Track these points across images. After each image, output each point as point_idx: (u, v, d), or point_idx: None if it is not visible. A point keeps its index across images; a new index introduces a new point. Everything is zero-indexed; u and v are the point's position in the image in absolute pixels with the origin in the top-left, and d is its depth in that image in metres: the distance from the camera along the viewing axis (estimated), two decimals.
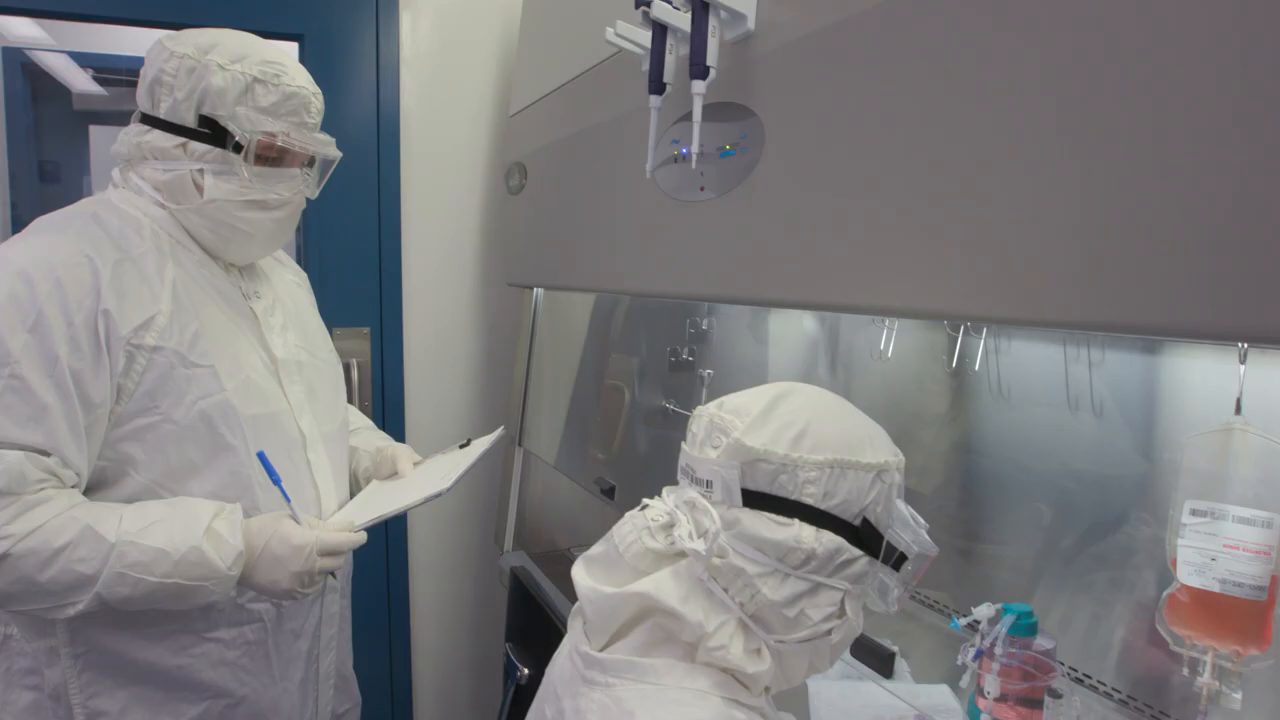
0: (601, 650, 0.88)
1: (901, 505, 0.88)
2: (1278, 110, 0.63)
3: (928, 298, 0.96)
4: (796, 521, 0.83)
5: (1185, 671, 0.95)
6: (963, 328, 1.35)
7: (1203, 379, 1.11)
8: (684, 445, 0.93)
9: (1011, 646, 1.14)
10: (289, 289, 1.49)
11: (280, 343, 1.36)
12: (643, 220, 1.51)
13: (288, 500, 1.24)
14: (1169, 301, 0.71)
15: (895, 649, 1.37)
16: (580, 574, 0.93)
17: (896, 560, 0.87)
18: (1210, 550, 0.91)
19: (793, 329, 1.85)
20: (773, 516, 0.83)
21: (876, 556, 0.86)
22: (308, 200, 1.36)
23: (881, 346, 1.46)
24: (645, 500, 0.93)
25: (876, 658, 1.36)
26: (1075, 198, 0.78)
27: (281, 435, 1.31)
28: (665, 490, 0.94)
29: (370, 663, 1.62)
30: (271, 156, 1.27)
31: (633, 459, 2.08)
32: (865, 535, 0.85)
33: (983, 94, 0.87)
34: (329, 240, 2.32)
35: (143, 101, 1.25)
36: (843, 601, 0.85)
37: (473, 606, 2.64)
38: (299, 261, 2.25)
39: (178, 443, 1.19)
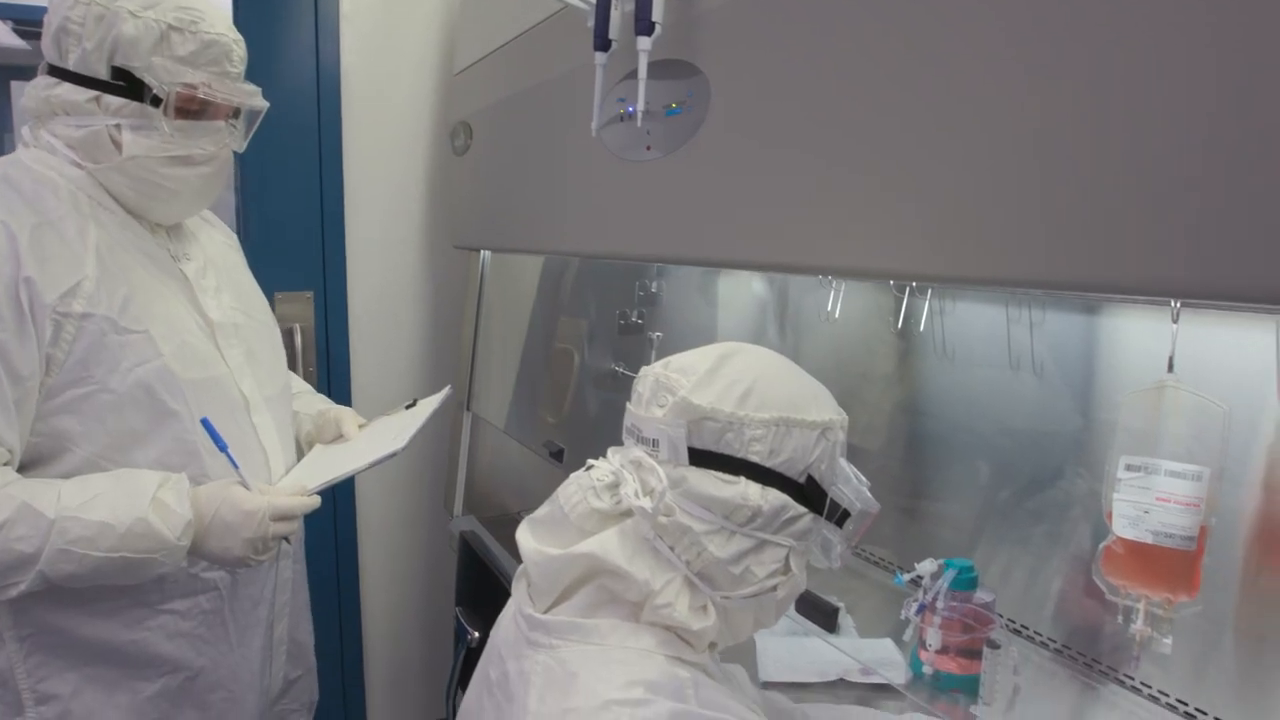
0: (545, 612, 0.88)
1: (844, 463, 0.89)
2: (1213, 70, 0.64)
3: (874, 258, 0.96)
4: (743, 479, 0.83)
5: (1120, 619, 0.98)
6: (908, 289, 1.36)
7: (1138, 339, 1.13)
8: (629, 405, 0.92)
9: (953, 600, 1.17)
10: (220, 250, 1.44)
11: (215, 305, 1.31)
12: (590, 181, 1.48)
13: (235, 466, 1.21)
14: (1107, 259, 0.72)
15: (840, 605, 1.39)
16: (525, 537, 0.92)
17: (840, 517, 0.88)
18: (1143, 503, 0.94)
19: (742, 291, 1.85)
20: (719, 474, 0.84)
21: (820, 513, 0.87)
22: (245, 160, 1.31)
23: (829, 308, 1.46)
24: (590, 461, 0.93)
25: (821, 613, 1.38)
26: (1018, 159, 0.78)
27: (224, 400, 1.27)
28: (610, 450, 0.94)
29: (320, 629, 1.60)
30: (193, 109, 1.22)
31: (582, 422, 2.08)
32: (810, 492, 0.86)
33: (932, 53, 0.86)
34: (269, 202, 2.25)
35: (49, 52, 1.18)
36: (787, 558, 0.86)
37: (423, 571, 2.62)
38: (237, 224, 2.19)
39: (117, 412, 1.15)
